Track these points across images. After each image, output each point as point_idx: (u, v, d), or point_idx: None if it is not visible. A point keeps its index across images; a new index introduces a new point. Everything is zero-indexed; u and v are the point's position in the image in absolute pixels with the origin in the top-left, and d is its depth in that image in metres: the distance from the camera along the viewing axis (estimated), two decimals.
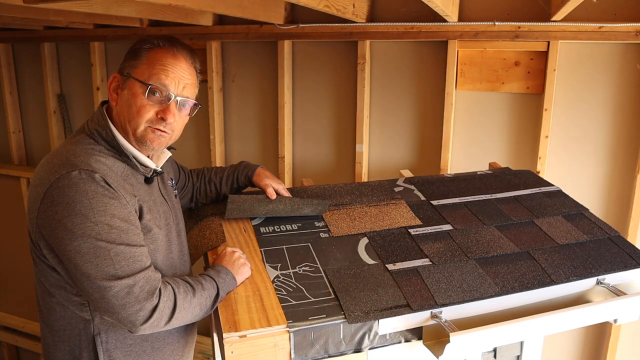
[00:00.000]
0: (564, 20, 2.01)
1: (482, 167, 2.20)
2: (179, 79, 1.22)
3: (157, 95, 1.20)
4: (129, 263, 1.09)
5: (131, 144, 1.23)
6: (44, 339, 1.27)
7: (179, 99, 1.22)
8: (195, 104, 1.28)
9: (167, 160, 1.37)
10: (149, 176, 1.27)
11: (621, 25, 1.93)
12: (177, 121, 1.24)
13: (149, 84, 1.18)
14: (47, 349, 1.26)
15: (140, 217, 1.19)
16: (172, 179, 1.45)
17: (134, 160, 1.22)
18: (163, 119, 1.20)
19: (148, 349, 1.26)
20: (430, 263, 1.33)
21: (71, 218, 1.06)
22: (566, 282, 1.28)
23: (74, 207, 1.06)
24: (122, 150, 1.20)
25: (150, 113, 1.20)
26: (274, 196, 1.55)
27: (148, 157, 1.27)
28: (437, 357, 1.13)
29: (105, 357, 1.20)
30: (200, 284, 1.21)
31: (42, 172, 1.13)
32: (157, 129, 1.21)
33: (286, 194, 1.61)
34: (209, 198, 1.64)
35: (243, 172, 1.62)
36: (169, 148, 1.35)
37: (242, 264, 1.32)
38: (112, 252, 1.07)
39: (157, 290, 1.10)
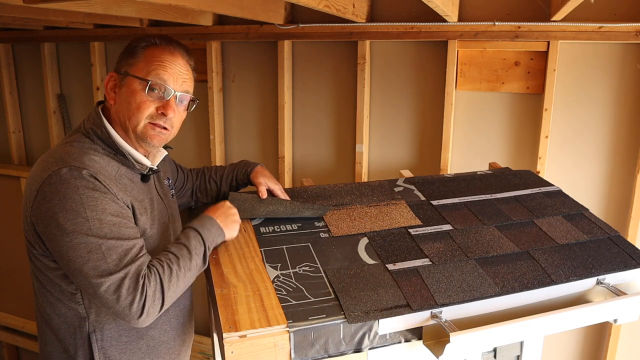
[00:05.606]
0: (564, 20, 2.01)
1: (482, 167, 2.20)
2: (178, 75, 1.23)
3: (157, 91, 1.20)
4: (121, 257, 1.08)
5: (129, 143, 1.23)
6: (40, 338, 1.27)
7: (178, 94, 1.23)
8: (192, 99, 1.29)
9: (164, 161, 1.37)
10: (145, 173, 1.27)
11: (621, 25, 1.93)
12: (176, 116, 1.25)
13: (149, 80, 1.19)
14: (43, 348, 1.26)
15: (134, 218, 1.19)
16: (168, 179, 1.45)
17: (130, 157, 1.22)
18: (164, 114, 1.21)
19: (143, 347, 1.26)
20: (430, 263, 1.33)
21: (63, 214, 1.06)
22: (566, 282, 1.28)
23: (65, 203, 1.06)
24: (118, 148, 1.21)
25: (150, 109, 1.20)
26: (264, 195, 1.54)
27: (144, 155, 1.27)
28: (437, 357, 1.13)
29: (101, 354, 1.20)
30: (185, 247, 1.19)
31: (36, 170, 1.14)
32: (157, 125, 1.22)
33: (282, 195, 1.59)
34: (210, 196, 1.64)
35: (242, 170, 1.62)
36: (165, 147, 1.36)
37: (234, 220, 1.32)
38: (104, 246, 1.07)
39: (145, 277, 1.09)
